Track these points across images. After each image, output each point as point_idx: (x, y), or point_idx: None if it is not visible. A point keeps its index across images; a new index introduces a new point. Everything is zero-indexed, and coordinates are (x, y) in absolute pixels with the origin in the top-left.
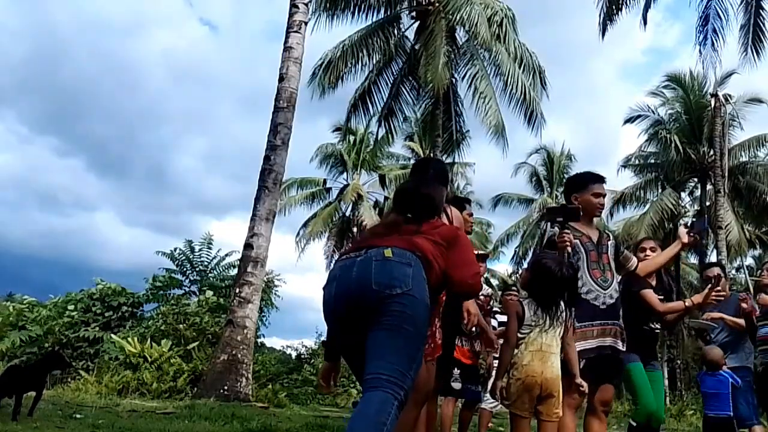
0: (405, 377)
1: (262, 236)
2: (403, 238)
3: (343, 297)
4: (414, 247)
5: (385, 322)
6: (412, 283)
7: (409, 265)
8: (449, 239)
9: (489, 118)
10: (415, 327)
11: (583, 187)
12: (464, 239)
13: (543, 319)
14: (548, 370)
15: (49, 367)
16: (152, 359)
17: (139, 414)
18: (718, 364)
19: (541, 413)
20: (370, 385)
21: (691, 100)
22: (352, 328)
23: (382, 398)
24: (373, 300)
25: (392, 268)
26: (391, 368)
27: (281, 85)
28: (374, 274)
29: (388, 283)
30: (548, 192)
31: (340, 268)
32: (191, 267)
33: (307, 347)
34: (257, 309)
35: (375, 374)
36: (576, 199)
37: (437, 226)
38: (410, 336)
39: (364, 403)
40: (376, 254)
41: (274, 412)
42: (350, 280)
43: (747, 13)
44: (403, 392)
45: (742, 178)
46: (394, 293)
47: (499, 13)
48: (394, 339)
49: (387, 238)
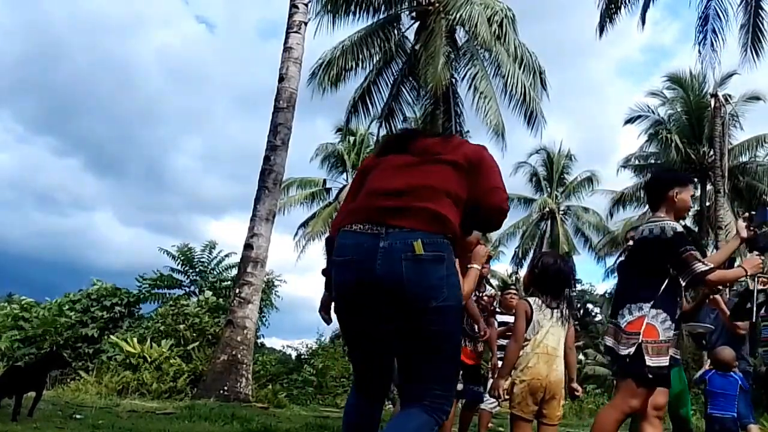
0: (448, 399)
1: (262, 236)
2: (427, 196)
3: (366, 292)
4: (444, 223)
5: (422, 344)
6: (447, 290)
7: (441, 260)
8: (474, 161)
9: (489, 118)
10: (453, 343)
11: (685, 185)
12: (490, 160)
13: (549, 318)
14: (553, 373)
15: (48, 367)
16: (152, 360)
17: (139, 414)
18: (730, 365)
19: (543, 416)
20: (410, 401)
21: (691, 101)
22: (368, 317)
23: (424, 421)
24: (405, 310)
25: (427, 274)
26: (434, 393)
27: (281, 86)
28: (407, 281)
29: (423, 294)
30: (548, 192)
31: (354, 249)
32: (191, 267)
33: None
34: (257, 309)
35: (416, 397)
36: (677, 195)
37: (458, 145)
38: (449, 355)
39: (406, 417)
40: (404, 247)
41: (274, 412)
42: (374, 275)
43: (747, 13)
44: (446, 414)
45: (742, 178)
46: (430, 306)
47: (499, 13)
48: (434, 362)
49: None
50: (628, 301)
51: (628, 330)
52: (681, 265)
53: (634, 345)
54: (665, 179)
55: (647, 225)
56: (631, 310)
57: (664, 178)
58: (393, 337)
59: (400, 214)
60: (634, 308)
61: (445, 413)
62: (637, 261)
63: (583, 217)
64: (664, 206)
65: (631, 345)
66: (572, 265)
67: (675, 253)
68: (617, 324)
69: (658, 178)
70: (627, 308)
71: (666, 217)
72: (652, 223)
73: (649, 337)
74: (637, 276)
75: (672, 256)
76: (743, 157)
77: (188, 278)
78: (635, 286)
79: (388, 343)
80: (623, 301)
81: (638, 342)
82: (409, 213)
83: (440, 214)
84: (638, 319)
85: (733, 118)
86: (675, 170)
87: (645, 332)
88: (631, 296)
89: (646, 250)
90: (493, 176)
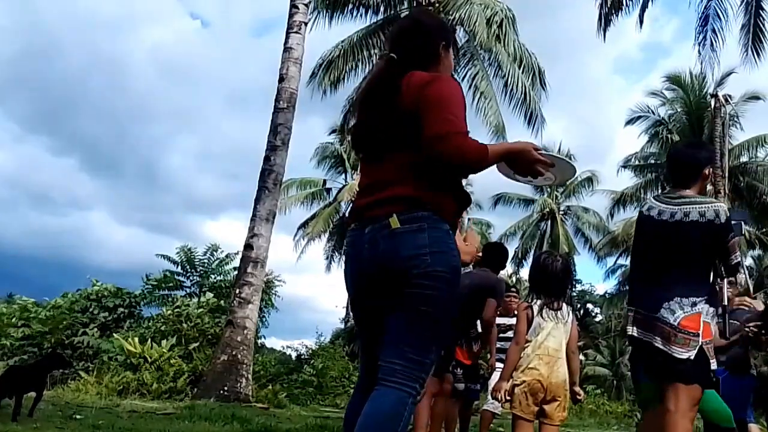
0: (423, 365)
1: (262, 237)
2: (396, 176)
3: (358, 276)
4: (416, 202)
5: (403, 305)
6: (431, 257)
7: (421, 230)
8: (414, 108)
9: (489, 118)
10: (437, 306)
11: (715, 163)
12: (434, 91)
13: (550, 320)
14: (554, 375)
15: (49, 368)
16: (152, 360)
17: (139, 415)
18: (746, 367)
19: (545, 416)
20: (383, 375)
21: (691, 101)
22: (368, 300)
23: (395, 400)
24: (387, 282)
25: (405, 243)
26: (407, 357)
27: (281, 86)
28: (384, 253)
29: (403, 264)
30: (548, 192)
31: (351, 245)
32: (193, 268)
33: (307, 347)
34: (257, 309)
35: (389, 363)
36: (709, 173)
37: (410, 90)
38: (431, 318)
39: (376, 403)
40: (382, 227)
41: (275, 412)
42: (362, 259)
43: (747, 14)
44: (420, 383)
45: (742, 178)
46: (412, 273)
47: (499, 14)
48: (412, 323)
49: (377, 185)
50: (675, 293)
51: (683, 328)
52: (727, 252)
53: (695, 347)
54: (704, 157)
55: (693, 206)
56: (683, 305)
57: (703, 155)
58: (387, 313)
59: (377, 207)
60: (686, 303)
61: (418, 382)
62: (681, 246)
63: (583, 217)
64: (697, 185)
65: (692, 347)
66: (572, 264)
67: (727, 239)
68: (665, 320)
69: (695, 155)
70: (677, 302)
71: (709, 198)
72: (698, 204)
73: (707, 338)
74: (684, 265)
75: (724, 243)
76: (743, 157)
77: (189, 279)
78: (682, 276)
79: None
80: (667, 292)
81: (699, 344)
82: (383, 203)
83: (408, 197)
84: (694, 316)
85: (733, 119)
86: (705, 145)
87: (704, 332)
88: (680, 288)
89: (697, 235)
90: (426, 118)
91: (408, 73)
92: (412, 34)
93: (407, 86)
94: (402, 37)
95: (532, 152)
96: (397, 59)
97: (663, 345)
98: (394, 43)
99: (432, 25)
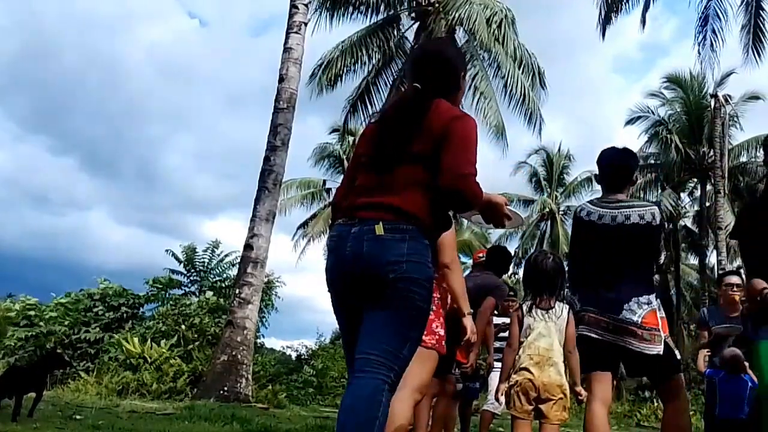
0: (397, 357)
1: (262, 237)
2: (397, 187)
3: (340, 273)
4: (407, 216)
5: (380, 304)
6: (407, 266)
7: (403, 240)
8: (438, 135)
9: (489, 118)
10: (410, 307)
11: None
12: (460, 129)
13: (540, 320)
14: (545, 375)
15: (49, 368)
16: (152, 360)
17: (138, 415)
18: (741, 366)
19: (543, 416)
20: (359, 367)
21: (690, 101)
22: (350, 297)
23: (372, 388)
24: (368, 282)
25: (386, 249)
26: (382, 348)
27: (281, 86)
28: (366, 255)
29: (381, 268)
30: (548, 193)
31: (336, 238)
32: (193, 267)
33: (307, 348)
34: (257, 310)
35: (364, 354)
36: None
37: (437, 118)
38: (405, 316)
39: (353, 393)
40: (368, 230)
41: (274, 412)
42: (345, 257)
43: (747, 14)
44: (394, 373)
45: (742, 178)
46: (389, 278)
47: (499, 14)
48: (388, 318)
49: (378, 190)
50: (631, 294)
51: (646, 325)
52: (659, 252)
53: (661, 341)
54: (636, 164)
55: (632, 209)
56: (640, 303)
57: (634, 162)
58: (366, 311)
59: (371, 210)
60: (643, 301)
61: (393, 371)
62: (626, 248)
63: None
64: (628, 189)
65: (658, 342)
66: (561, 262)
67: (660, 240)
68: (629, 321)
69: (629, 162)
70: (635, 302)
71: (644, 201)
72: (636, 207)
73: (665, 332)
74: (632, 265)
75: (657, 243)
76: (743, 158)
77: (189, 279)
78: (632, 276)
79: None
80: (622, 294)
81: (663, 337)
82: (377, 208)
83: (399, 208)
84: (651, 312)
85: (733, 119)
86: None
87: (663, 327)
88: (633, 288)
89: (639, 236)
90: (451, 152)
91: (435, 99)
92: (435, 65)
93: (435, 112)
94: (426, 68)
95: (504, 207)
96: (422, 88)
97: (638, 346)
98: (417, 73)
99: (453, 56)
